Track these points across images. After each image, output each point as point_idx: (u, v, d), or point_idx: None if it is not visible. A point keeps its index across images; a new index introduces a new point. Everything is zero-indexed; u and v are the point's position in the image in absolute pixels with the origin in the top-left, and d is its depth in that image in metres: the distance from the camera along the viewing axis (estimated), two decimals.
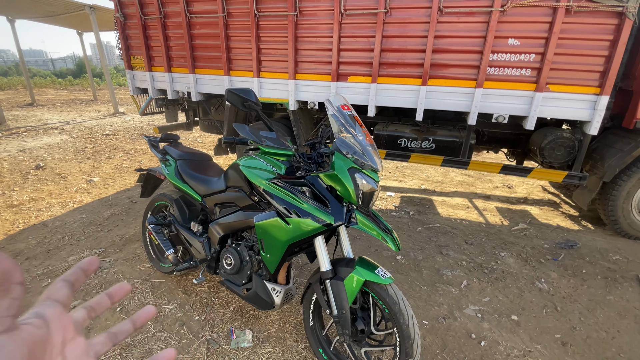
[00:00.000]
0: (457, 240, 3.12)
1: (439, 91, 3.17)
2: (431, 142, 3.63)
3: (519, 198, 4.33)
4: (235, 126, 1.43)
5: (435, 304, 2.24)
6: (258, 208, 1.76)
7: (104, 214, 3.61)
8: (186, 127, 5.10)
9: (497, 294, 2.38)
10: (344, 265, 1.57)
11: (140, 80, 4.58)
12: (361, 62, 3.32)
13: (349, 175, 1.44)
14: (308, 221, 1.48)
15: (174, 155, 2.26)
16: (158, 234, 2.15)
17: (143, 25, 4.18)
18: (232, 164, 1.86)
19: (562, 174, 3.18)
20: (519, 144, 3.78)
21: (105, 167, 5.30)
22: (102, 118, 10.13)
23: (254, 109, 1.55)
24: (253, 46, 3.58)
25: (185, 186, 2.11)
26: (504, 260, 2.80)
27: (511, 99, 3.04)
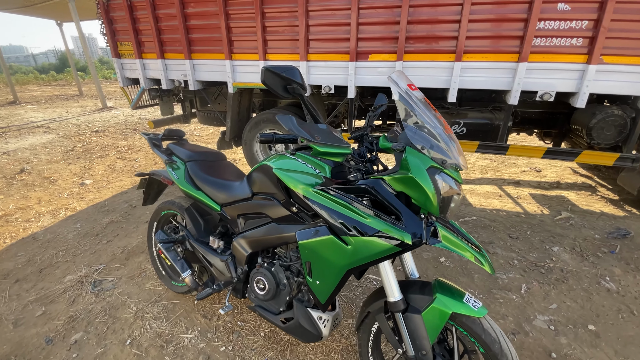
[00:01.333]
0: (500, 235, 2.81)
1: (476, 67, 2.79)
2: (462, 126, 3.27)
3: (551, 183, 4.02)
4: (279, 118, 1.04)
5: (499, 316, 1.93)
6: (297, 220, 1.40)
7: (100, 223, 3.23)
8: (183, 119, 4.67)
9: (564, 298, 2.08)
10: (417, 292, 1.23)
11: (130, 69, 4.11)
12: (385, 37, 2.91)
13: (428, 177, 1.08)
14: (375, 241, 1.12)
15: (183, 156, 1.87)
16: (170, 253, 1.79)
17: (129, 6, 3.70)
18: (260, 165, 1.49)
19: (613, 157, 2.85)
20: (557, 124, 3.44)
21: (97, 168, 4.87)
22: (90, 114, 9.58)
23: (299, 93, 1.16)
24: (258, 24, 3.14)
25: (199, 193, 1.74)
26: (558, 257, 2.50)
27: (559, 73, 2.67)
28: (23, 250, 2.82)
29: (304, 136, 1.03)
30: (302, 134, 1.03)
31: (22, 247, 2.87)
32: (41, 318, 2.06)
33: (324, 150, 1.07)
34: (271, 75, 1.11)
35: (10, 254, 2.77)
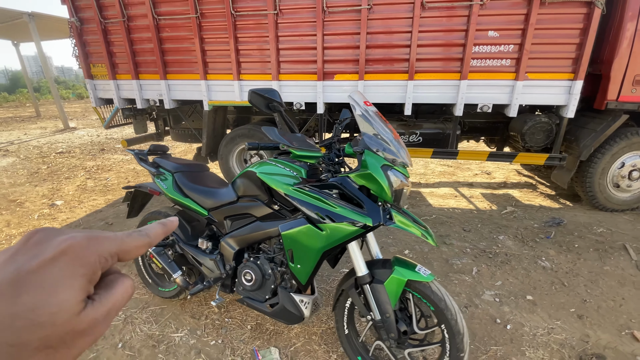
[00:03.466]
0: (456, 229, 3.19)
1: (426, 85, 3.22)
2: (418, 136, 3.68)
3: (499, 183, 4.54)
4: (265, 130, 1.30)
5: (453, 295, 2.25)
6: (278, 217, 1.64)
7: None
8: (156, 137, 4.76)
9: (507, 276, 2.45)
10: (380, 267, 1.51)
11: (103, 90, 4.20)
12: (347, 59, 3.28)
13: (382, 173, 1.38)
14: (344, 225, 1.39)
15: (170, 168, 2.06)
16: (161, 256, 1.94)
17: (103, 30, 3.83)
18: (244, 172, 1.73)
19: (544, 157, 3.37)
20: (498, 132, 3.96)
21: (67, 189, 4.80)
22: (52, 135, 9.24)
23: (278, 110, 1.43)
24: (231, 48, 3.41)
25: (187, 200, 1.93)
26: (503, 244, 2.90)
27: (494, 88, 3.16)
28: None
29: (284, 143, 1.30)
30: (283, 141, 1.30)
31: None
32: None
33: (301, 153, 1.34)
34: (256, 96, 1.38)
35: None
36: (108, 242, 0.26)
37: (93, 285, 0.25)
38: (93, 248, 0.24)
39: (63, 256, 0.23)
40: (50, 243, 0.23)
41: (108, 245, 0.25)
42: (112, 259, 0.26)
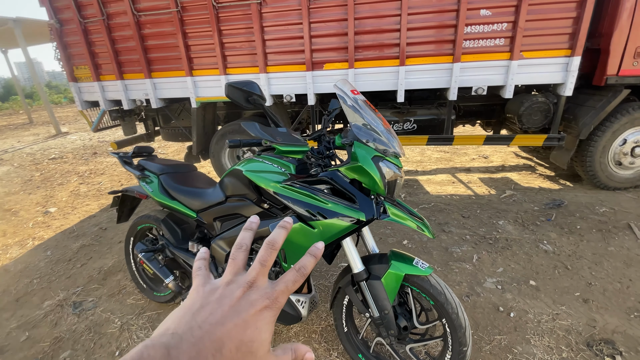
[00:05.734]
0: (454, 216, 3.13)
1: (418, 70, 3.12)
2: (412, 123, 3.60)
3: (497, 167, 4.47)
4: (244, 125, 1.22)
5: (455, 284, 2.20)
6: (269, 215, 1.58)
7: (71, 248, 3.19)
8: (146, 138, 4.67)
9: (509, 262, 2.40)
10: (376, 263, 1.45)
11: (88, 92, 4.09)
12: (336, 47, 3.18)
13: (373, 165, 1.31)
14: (336, 221, 1.33)
15: (155, 170, 1.98)
16: (152, 262, 1.88)
17: (84, 30, 3.71)
18: (230, 170, 1.65)
19: (542, 138, 3.29)
20: (494, 114, 3.87)
21: (60, 195, 4.73)
22: (44, 141, 9.13)
23: (259, 103, 1.35)
24: (215, 41, 3.30)
25: (174, 203, 1.86)
26: (503, 229, 2.85)
27: (488, 70, 3.06)
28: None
29: (267, 138, 1.22)
30: (265, 137, 1.22)
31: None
32: (26, 342, 2.06)
33: (285, 149, 1.27)
34: (233, 90, 1.29)
35: None
36: (284, 296, 0.34)
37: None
38: (282, 301, 0.33)
39: (267, 309, 0.32)
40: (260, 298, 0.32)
41: (284, 299, 0.34)
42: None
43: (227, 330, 0.29)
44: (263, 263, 0.35)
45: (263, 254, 0.35)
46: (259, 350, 0.30)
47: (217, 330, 0.29)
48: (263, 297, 0.32)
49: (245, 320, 0.30)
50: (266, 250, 0.35)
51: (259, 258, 0.35)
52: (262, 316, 0.31)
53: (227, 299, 0.31)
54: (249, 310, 0.31)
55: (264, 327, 0.31)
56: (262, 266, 0.35)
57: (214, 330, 0.29)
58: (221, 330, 0.29)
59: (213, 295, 0.32)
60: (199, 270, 0.37)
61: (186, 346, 0.27)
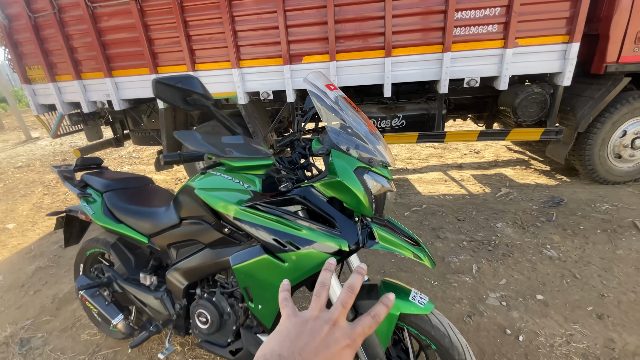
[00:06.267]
0: (449, 219, 2.89)
1: (405, 61, 2.85)
2: (401, 119, 3.34)
3: (489, 162, 4.27)
4: (178, 135, 0.91)
5: (454, 301, 1.96)
6: (231, 242, 1.28)
7: (26, 271, 2.83)
8: (115, 143, 4.29)
9: (511, 272, 2.17)
10: (364, 297, 1.18)
11: (43, 95, 3.69)
12: (315, 38, 2.88)
13: (356, 179, 1.03)
14: (312, 252, 1.05)
15: (98, 186, 1.66)
16: (96, 299, 1.57)
17: (34, 25, 3.31)
18: (183, 187, 1.35)
19: (539, 132, 3.07)
20: (486, 108, 3.65)
21: (21, 208, 4.31)
22: (13, 148, 8.56)
23: (202, 104, 1.04)
24: (181, 33, 2.96)
25: (121, 227, 1.55)
26: (502, 232, 2.62)
27: (481, 59, 2.82)
28: None
29: (211, 152, 0.92)
30: (209, 149, 0.92)
31: None
32: None
33: (239, 164, 0.97)
34: (164, 88, 0.98)
35: None
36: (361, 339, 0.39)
37: None
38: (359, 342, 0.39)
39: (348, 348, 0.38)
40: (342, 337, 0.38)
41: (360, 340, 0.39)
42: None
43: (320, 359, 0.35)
44: (344, 305, 0.40)
45: (344, 297, 0.40)
46: None
47: (313, 358, 0.35)
48: (345, 337, 0.38)
49: (332, 354, 0.36)
50: (347, 294, 0.40)
51: (341, 300, 0.40)
52: (345, 353, 0.37)
53: (317, 333, 0.37)
54: (335, 347, 0.37)
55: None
56: (344, 307, 0.40)
57: (311, 357, 0.35)
58: (315, 358, 0.35)
59: (305, 327, 0.38)
60: (285, 301, 0.43)
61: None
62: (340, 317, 0.39)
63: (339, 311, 0.39)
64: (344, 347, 0.37)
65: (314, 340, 0.36)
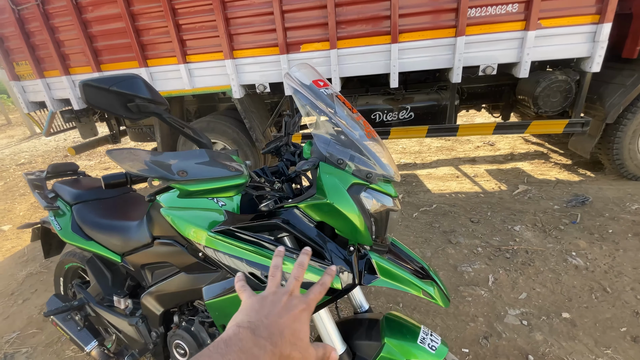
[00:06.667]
0: (462, 221, 2.67)
1: (414, 47, 2.59)
2: (409, 111, 3.09)
3: (505, 155, 3.98)
4: (110, 155, 0.69)
5: (468, 319, 1.75)
6: (208, 268, 1.10)
7: (17, 277, 2.73)
8: (111, 140, 4.14)
9: (532, 284, 1.95)
10: (363, 337, 0.99)
11: (33, 91, 3.54)
12: (313, 24, 2.63)
13: (351, 200, 0.82)
14: None
15: (68, 197, 1.49)
16: (66, 323, 1.42)
17: (18, 19, 3.13)
18: (153, 202, 1.16)
19: (562, 123, 2.79)
20: (503, 97, 3.36)
21: (19, 208, 4.23)
22: (17, 144, 8.56)
23: (150, 111, 0.83)
24: (169, 22, 2.74)
25: (91, 244, 1.37)
26: (521, 236, 2.39)
27: (499, 43, 2.53)
28: None
29: (157, 175, 0.71)
30: (152, 172, 0.71)
31: None
32: None
33: (197, 188, 0.76)
34: (96, 92, 0.75)
35: None
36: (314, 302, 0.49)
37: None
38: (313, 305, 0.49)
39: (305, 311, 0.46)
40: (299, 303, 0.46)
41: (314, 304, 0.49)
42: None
43: (283, 321, 0.42)
44: (297, 278, 0.49)
45: (296, 272, 0.50)
46: (304, 337, 0.43)
47: (278, 320, 0.41)
48: (301, 302, 0.46)
49: (294, 315, 0.43)
50: (298, 270, 0.51)
51: (294, 275, 0.50)
52: (303, 315, 0.44)
53: (278, 302, 0.44)
54: (294, 310, 0.44)
55: (305, 322, 0.44)
56: (297, 280, 0.49)
57: (276, 320, 0.41)
58: (280, 321, 0.41)
59: (266, 300, 0.45)
60: (243, 287, 0.51)
61: (262, 328, 0.40)
62: (295, 288, 0.48)
63: (293, 284, 0.48)
64: (301, 311, 0.45)
65: (276, 307, 0.43)
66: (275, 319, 0.41)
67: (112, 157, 0.67)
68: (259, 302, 0.44)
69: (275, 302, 0.44)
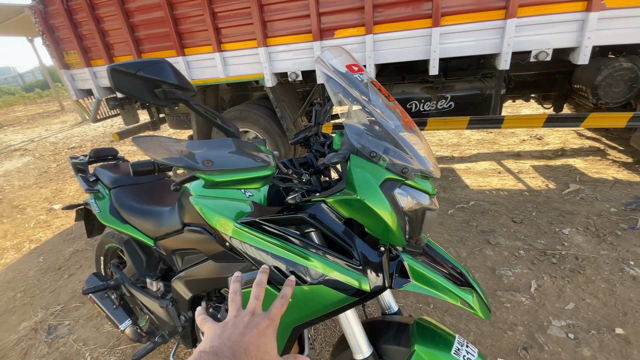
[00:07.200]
0: (503, 220, 2.48)
1: (457, 31, 2.40)
2: (449, 101, 2.90)
3: (554, 150, 3.66)
4: (136, 142, 0.68)
5: (505, 326, 1.63)
6: (235, 258, 1.08)
7: (64, 253, 2.95)
8: (151, 126, 4.32)
9: (582, 294, 1.77)
10: (391, 342, 0.93)
11: (81, 80, 3.75)
12: (349, 8, 2.52)
13: (383, 196, 0.75)
14: (322, 290, 0.81)
15: (108, 182, 1.55)
16: (104, 301, 1.49)
17: (67, 9, 3.30)
18: (184, 189, 1.16)
19: (625, 117, 2.48)
20: (556, 86, 3.05)
21: (69, 189, 4.57)
22: (69, 129, 9.25)
23: (177, 97, 0.80)
24: (205, 10, 2.75)
25: (126, 227, 1.42)
26: (571, 241, 2.18)
27: (555, 26, 2.28)
28: None
29: (181, 164, 0.69)
30: (177, 161, 0.69)
31: None
32: None
33: (222, 179, 0.73)
34: (123, 77, 0.74)
35: None
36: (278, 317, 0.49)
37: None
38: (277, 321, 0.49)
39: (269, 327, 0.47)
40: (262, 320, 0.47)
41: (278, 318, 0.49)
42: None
43: (247, 339, 0.43)
44: (257, 297, 0.51)
45: (255, 291, 0.52)
46: (271, 351, 0.44)
47: (241, 339, 0.43)
48: (264, 319, 0.47)
49: (258, 331, 0.45)
50: (257, 289, 0.52)
51: (254, 294, 0.51)
52: (268, 330, 0.46)
53: (240, 323, 0.46)
54: (258, 327, 0.45)
55: (271, 337, 0.46)
56: (257, 300, 0.50)
57: (239, 339, 0.43)
58: (243, 339, 0.43)
59: (227, 325, 0.46)
60: (204, 320, 0.50)
61: (225, 349, 0.41)
62: (256, 307, 0.50)
63: (254, 303, 0.50)
64: (265, 327, 0.47)
65: (238, 328, 0.45)
66: (238, 338, 0.43)
67: (138, 145, 0.66)
68: (221, 327, 0.45)
69: (237, 324, 0.45)
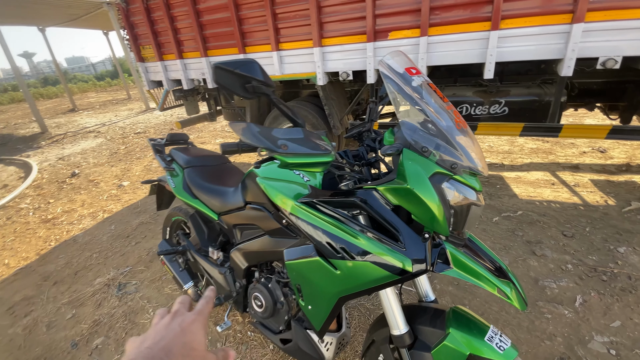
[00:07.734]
0: (552, 233, 2.40)
1: (517, 35, 2.35)
2: (502, 106, 2.83)
3: (618, 165, 3.40)
4: (232, 127, 0.87)
5: (544, 336, 1.62)
6: (289, 234, 1.23)
7: (132, 224, 3.35)
8: (209, 117, 4.69)
9: (630, 314, 1.69)
10: (427, 323, 1.01)
11: (153, 72, 4.18)
12: (405, 10, 2.57)
13: (432, 188, 0.84)
14: (368, 266, 0.92)
15: (182, 162, 1.78)
16: (172, 264, 1.73)
17: (146, 8, 3.70)
18: (249, 171, 1.34)
19: None
20: (625, 96, 2.84)
21: (135, 169, 5.11)
22: (135, 116, 10.19)
23: (261, 92, 0.97)
24: (267, 12, 2.96)
25: (196, 202, 1.64)
26: (625, 260, 2.06)
27: (627, 32, 2.14)
28: (64, 252, 3.01)
29: (265, 146, 0.84)
30: (262, 143, 0.84)
31: (64, 249, 3.07)
32: (70, 321, 2.15)
33: (293, 161, 0.87)
34: (224, 74, 0.92)
35: (53, 256, 2.97)
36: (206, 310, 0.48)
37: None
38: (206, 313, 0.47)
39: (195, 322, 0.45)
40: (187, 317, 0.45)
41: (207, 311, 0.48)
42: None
43: (167, 341, 0.41)
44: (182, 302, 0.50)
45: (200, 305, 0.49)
46: (198, 346, 0.42)
47: (160, 342, 0.40)
48: (188, 316, 0.45)
49: (182, 328, 0.43)
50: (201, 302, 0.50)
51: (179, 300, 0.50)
52: (193, 326, 0.44)
53: (161, 329, 0.43)
54: (182, 324, 0.44)
55: (198, 332, 0.43)
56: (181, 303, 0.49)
57: (157, 343, 0.40)
58: (163, 342, 0.40)
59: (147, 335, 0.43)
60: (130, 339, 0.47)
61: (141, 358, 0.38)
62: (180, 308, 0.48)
63: (177, 306, 0.48)
64: (190, 323, 0.44)
65: (158, 334, 0.42)
66: (157, 342, 0.40)
67: (233, 128, 0.82)
68: (140, 339, 0.43)
69: (158, 330, 0.43)
